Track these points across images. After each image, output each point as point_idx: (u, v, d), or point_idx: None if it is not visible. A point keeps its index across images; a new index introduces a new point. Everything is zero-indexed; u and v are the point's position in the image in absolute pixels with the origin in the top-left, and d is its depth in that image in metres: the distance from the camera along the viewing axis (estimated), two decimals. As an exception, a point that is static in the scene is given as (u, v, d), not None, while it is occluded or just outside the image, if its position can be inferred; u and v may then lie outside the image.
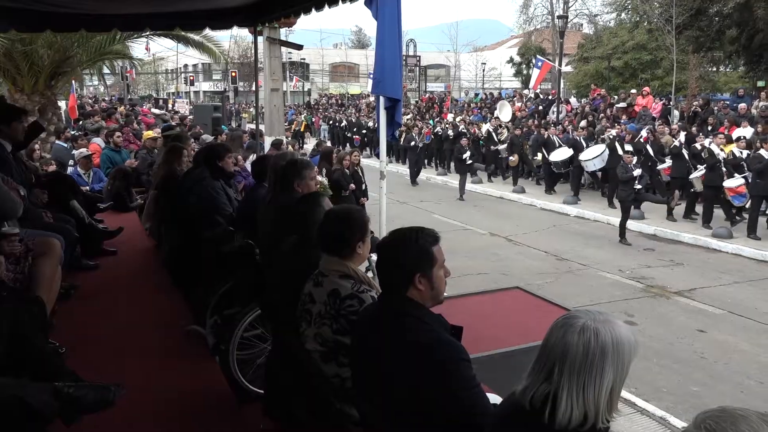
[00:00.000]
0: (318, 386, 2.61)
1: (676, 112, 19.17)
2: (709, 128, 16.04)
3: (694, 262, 9.99)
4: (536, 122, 19.10)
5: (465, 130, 18.75)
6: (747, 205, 11.32)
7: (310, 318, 2.62)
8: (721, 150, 12.18)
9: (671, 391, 5.56)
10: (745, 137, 12.65)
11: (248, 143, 12.15)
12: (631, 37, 30.29)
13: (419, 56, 40.03)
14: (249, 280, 3.94)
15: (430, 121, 23.82)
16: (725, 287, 8.67)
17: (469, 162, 15.66)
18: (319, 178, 8.63)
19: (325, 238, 2.66)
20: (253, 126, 14.03)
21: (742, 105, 16.92)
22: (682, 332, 6.98)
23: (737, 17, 21.00)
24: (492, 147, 18.33)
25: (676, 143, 13.26)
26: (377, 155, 6.92)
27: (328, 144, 19.62)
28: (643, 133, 15.28)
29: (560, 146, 15.90)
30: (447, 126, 20.49)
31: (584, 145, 15.06)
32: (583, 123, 18.79)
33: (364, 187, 9.47)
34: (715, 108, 18.06)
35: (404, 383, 2.02)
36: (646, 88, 21.63)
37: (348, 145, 25.81)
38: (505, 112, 21.30)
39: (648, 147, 13.90)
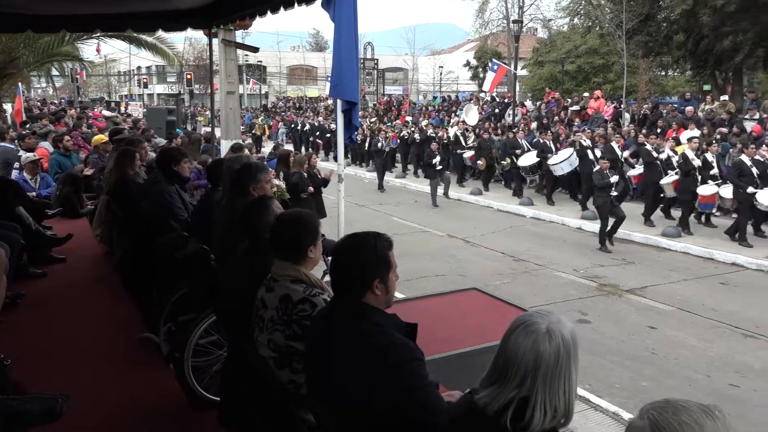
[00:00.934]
0: (274, 393, 2.59)
1: (627, 115, 19.69)
2: (659, 131, 16.56)
3: (645, 260, 10.28)
4: (492, 125, 19.35)
5: (433, 135, 18.70)
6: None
7: (262, 324, 2.60)
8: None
9: (624, 386, 5.70)
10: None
11: (203, 147, 11.97)
12: (583, 41, 30.99)
13: (377, 59, 40.06)
14: (204, 286, 3.88)
15: (393, 124, 23.86)
16: (674, 285, 8.95)
17: (440, 167, 15.55)
18: (277, 181, 8.58)
19: (276, 242, 2.64)
20: (209, 129, 13.84)
21: (689, 108, 17.52)
22: (634, 329, 7.17)
23: (684, 23, 21.69)
24: (459, 151, 18.30)
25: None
26: (335, 158, 6.91)
27: (286, 147, 19.45)
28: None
29: (528, 150, 15.98)
30: (414, 130, 20.44)
31: (552, 148, 15.19)
32: (533, 125, 19.18)
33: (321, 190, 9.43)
34: (664, 111, 18.64)
35: (359, 386, 2.04)
36: (598, 92, 22.20)
37: (310, 148, 25.70)
38: (471, 116, 21.43)
39: (619, 151, 14.02)
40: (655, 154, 12.77)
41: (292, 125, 29.55)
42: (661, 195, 12.61)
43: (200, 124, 28.43)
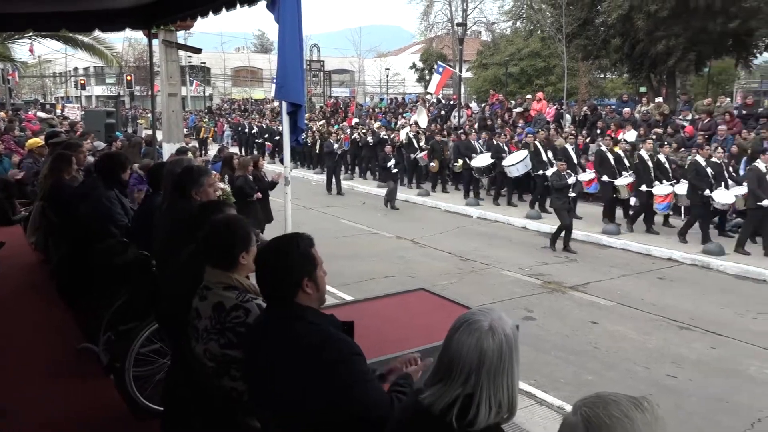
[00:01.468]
0: (218, 400, 2.55)
1: (568, 117, 20.23)
2: (598, 131, 17.09)
3: (587, 257, 10.58)
4: (438, 126, 19.52)
5: (386, 137, 18.58)
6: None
7: (197, 334, 2.56)
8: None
9: (568, 381, 5.84)
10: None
11: (144, 150, 11.66)
12: (526, 44, 31.72)
13: (323, 61, 40.01)
14: (145, 293, 3.78)
15: (340, 126, 23.77)
16: (615, 280, 9.24)
17: (395, 170, 15.46)
18: (221, 185, 8.43)
19: (207, 249, 2.60)
20: (150, 132, 13.49)
21: (627, 109, 18.16)
22: (577, 325, 7.36)
23: (620, 28, 22.45)
24: (411, 154, 18.11)
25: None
26: (281, 161, 6.85)
27: (231, 150, 19.10)
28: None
29: (482, 152, 15.99)
30: (365, 132, 20.37)
31: (506, 150, 15.25)
32: (475, 126, 19.47)
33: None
34: (603, 112, 19.25)
35: (299, 387, 2.04)
36: (540, 94, 22.74)
37: (257, 151, 25.35)
38: (422, 118, 21.55)
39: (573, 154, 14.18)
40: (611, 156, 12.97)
41: (239, 128, 29.04)
42: (614, 196, 12.68)
43: (141, 127, 27.67)
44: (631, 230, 11.92)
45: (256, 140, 26.17)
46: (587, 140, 15.79)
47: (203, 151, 24.24)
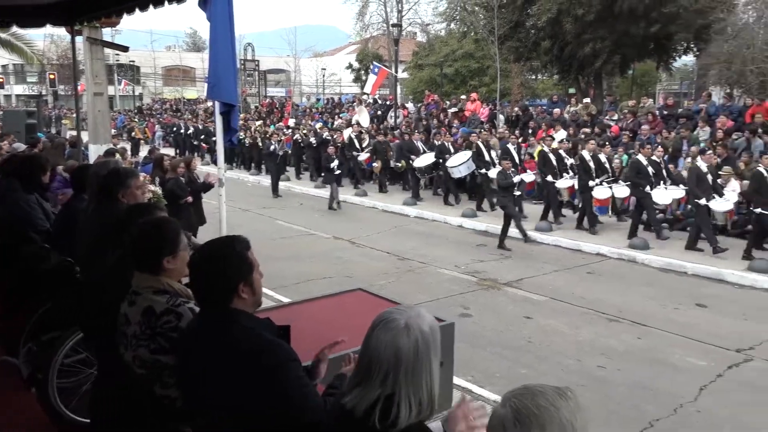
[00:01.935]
0: (149, 409, 2.47)
1: (502, 117, 20.69)
2: (530, 131, 17.57)
3: (520, 254, 10.84)
4: (375, 127, 19.57)
5: (329, 137, 18.37)
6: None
7: (126, 341, 2.47)
8: (551, 152, 13.17)
9: (503, 375, 5.97)
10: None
11: (68, 152, 11.18)
12: (460, 46, 32.24)
13: (258, 60, 39.35)
14: (69, 301, 3.61)
15: (277, 126, 23.46)
16: (547, 276, 9.52)
17: (338, 171, 15.30)
18: (152, 187, 8.19)
19: (133, 253, 2.52)
20: (75, 133, 12.94)
21: (557, 110, 18.74)
22: (512, 320, 7.54)
23: (549, 30, 23.14)
24: (354, 153, 17.94)
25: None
26: (214, 162, 6.70)
27: (163, 151, 18.54)
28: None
29: (425, 152, 15.99)
30: (307, 133, 19.99)
31: (450, 150, 15.29)
32: (420, 126, 19.61)
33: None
34: (534, 112, 19.79)
35: (236, 392, 2.00)
36: (475, 94, 23.17)
37: (195, 153, 24.72)
38: (363, 118, 21.50)
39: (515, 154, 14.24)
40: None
41: (174, 128, 28.20)
42: (558, 197, 12.88)
43: (66, 128, 26.55)
44: (586, 230, 12.07)
45: (192, 141, 25.49)
46: (519, 140, 16.14)
47: (136, 153, 23.40)
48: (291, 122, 25.27)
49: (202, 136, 24.33)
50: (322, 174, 16.78)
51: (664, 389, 5.69)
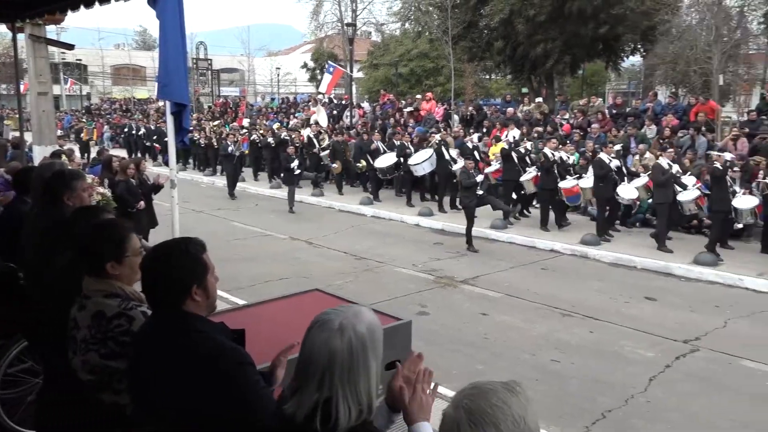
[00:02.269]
0: (98, 417, 2.40)
1: (456, 116, 20.89)
2: (484, 130, 17.79)
3: (477, 252, 10.94)
4: (331, 126, 19.48)
5: (287, 137, 18.07)
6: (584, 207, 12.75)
7: (75, 346, 2.39)
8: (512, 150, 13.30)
9: (461, 372, 6.02)
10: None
11: (11, 153, 10.77)
12: (415, 45, 32.41)
13: (211, 59, 38.71)
14: (12, 309, 3.48)
15: (231, 126, 23.11)
16: (502, 273, 9.65)
17: (298, 171, 15.04)
18: (101, 189, 7.95)
19: (79, 257, 2.44)
20: (18, 134, 12.47)
21: (510, 109, 19.02)
22: (468, 317, 7.62)
23: (502, 31, 23.49)
24: (314, 150, 17.68)
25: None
26: (166, 163, 6.56)
27: (113, 152, 18.01)
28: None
29: (385, 152, 15.87)
30: (264, 133, 19.60)
31: (411, 150, 15.23)
32: (377, 126, 19.61)
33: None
34: (488, 112, 20.05)
35: (191, 397, 1.96)
36: (430, 94, 23.31)
37: (147, 154, 24.16)
38: (322, 117, 21.35)
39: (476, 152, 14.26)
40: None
41: (126, 129, 27.40)
42: (522, 192, 13.06)
43: (8, 128, 25.57)
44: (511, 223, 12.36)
45: (145, 143, 24.86)
46: (474, 138, 16.34)
47: (86, 154, 22.68)
48: (245, 122, 24.98)
49: (155, 137, 23.72)
50: (282, 175, 16.54)
51: (615, 381, 5.84)
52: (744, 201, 10.25)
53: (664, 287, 9.06)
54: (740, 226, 10.70)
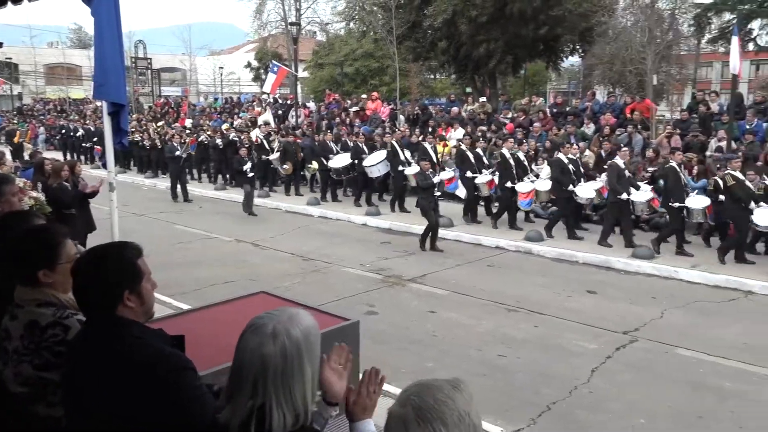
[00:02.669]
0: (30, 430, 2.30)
1: (402, 116, 21.01)
2: (430, 129, 17.95)
3: (424, 251, 11.02)
4: (277, 126, 19.26)
5: (236, 139, 17.68)
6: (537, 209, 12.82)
7: (6, 357, 2.28)
8: (468, 150, 13.34)
9: (410, 370, 6.04)
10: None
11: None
12: (360, 45, 32.49)
13: (150, 58, 37.75)
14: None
15: (173, 127, 22.51)
16: (449, 270, 9.76)
17: (251, 174, 14.70)
18: (34, 193, 7.62)
19: (7, 265, 2.33)
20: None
21: (455, 109, 19.28)
22: (417, 315, 7.67)
23: (446, 31, 23.78)
24: (263, 156, 17.08)
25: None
26: (104, 165, 6.34)
27: (46, 155, 17.27)
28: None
29: (338, 153, 15.68)
30: (212, 134, 19.09)
31: (365, 150, 15.10)
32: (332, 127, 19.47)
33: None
34: (433, 111, 20.26)
35: (129, 406, 1.89)
36: (375, 93, 23.38)
37: (86, 156, 23.30)
38: (271, 118, 21.04)
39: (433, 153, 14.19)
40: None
41: (63, 131, 26.30)
42: (476, 194, 13.01)
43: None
44: (496, 227, 12.29)
45: (84, 144, 23.95)
46: (420, 138, 16.44)
47: (19, 157, 21.68)
48: (188, 122, 24.44)
49: (95, 138, 22.87)
50: (234, 177, 16.12)
51: (559, 373, 5.99)
52: (697, 201, 10.53)
53: (604, 281, 9.36)
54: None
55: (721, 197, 10.04)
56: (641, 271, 9.76)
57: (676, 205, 10.34)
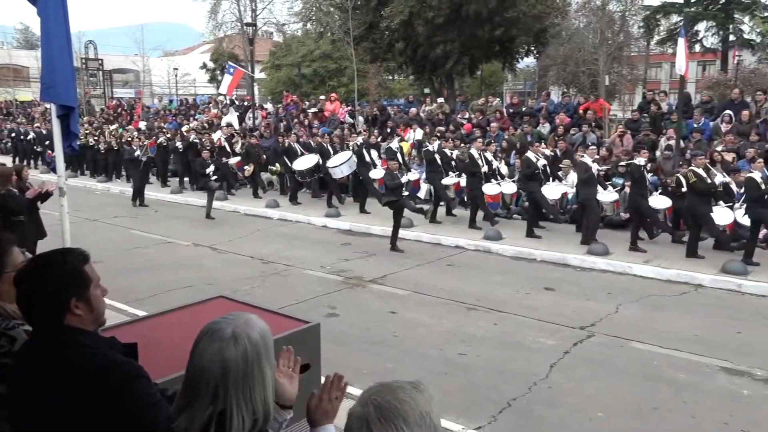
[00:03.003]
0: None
1: (361, 117, 21.01)
2: (389, 130, 17.99)
3: (384, 251, 11.03)
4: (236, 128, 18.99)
5: (197, 141, 17.33)
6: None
7: None
8: (436, 152, 13.36)
9: (371, 371, 6.03)
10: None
11: None
12: (317, 46, 32.31)
13: (102, 59, 36.82)
14: None
15: (127, 129, 22.01)
16: (409, 270, 9.79)
17: (214, 177, 14.47)
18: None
19: None
20: None
21: (413, 109, 19.38)
22: (377, 316, 7.67)
23: (403, 32, 23.89)
24: (224, 159, 16.74)
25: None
26: (53, 170, 6.16)
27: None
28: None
29: (302, 154, 15.51)
30: (171, 136, 18.67)
31: (330, 151, 14.97)
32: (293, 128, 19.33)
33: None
34: (392, 112, 20.32)
35: (79, 416, 1.83)
36: (334, 95, 23.31)
37: (38, 160, 22.53)
38: (234, 119, 20.70)
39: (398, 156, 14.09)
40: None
41: (12, 134, 25.32)
42: (445, 190, 13.02)
43: None
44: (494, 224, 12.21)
45: (35, 148, 23.12)
46: (379, 139, 16.49)
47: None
48: (142, 125, 23.92)
49: (47, 142, 22.09)
50: (195, 180, 15.77)
51: (519, 370, 6.07)
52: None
53: (561, 278, 9.53)
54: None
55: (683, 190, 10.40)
56: (596, 267, 9.97)
57: (632, 205, 10.70)
